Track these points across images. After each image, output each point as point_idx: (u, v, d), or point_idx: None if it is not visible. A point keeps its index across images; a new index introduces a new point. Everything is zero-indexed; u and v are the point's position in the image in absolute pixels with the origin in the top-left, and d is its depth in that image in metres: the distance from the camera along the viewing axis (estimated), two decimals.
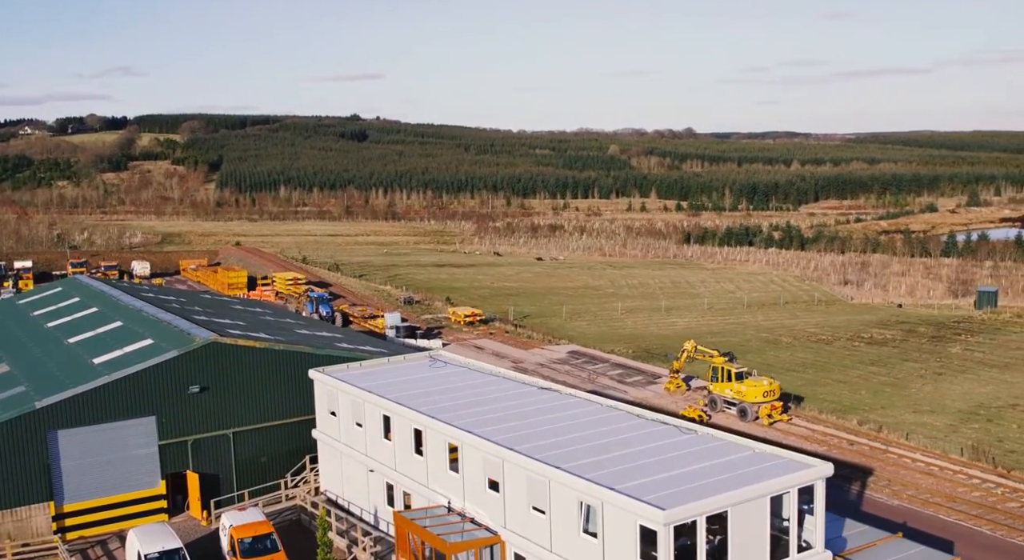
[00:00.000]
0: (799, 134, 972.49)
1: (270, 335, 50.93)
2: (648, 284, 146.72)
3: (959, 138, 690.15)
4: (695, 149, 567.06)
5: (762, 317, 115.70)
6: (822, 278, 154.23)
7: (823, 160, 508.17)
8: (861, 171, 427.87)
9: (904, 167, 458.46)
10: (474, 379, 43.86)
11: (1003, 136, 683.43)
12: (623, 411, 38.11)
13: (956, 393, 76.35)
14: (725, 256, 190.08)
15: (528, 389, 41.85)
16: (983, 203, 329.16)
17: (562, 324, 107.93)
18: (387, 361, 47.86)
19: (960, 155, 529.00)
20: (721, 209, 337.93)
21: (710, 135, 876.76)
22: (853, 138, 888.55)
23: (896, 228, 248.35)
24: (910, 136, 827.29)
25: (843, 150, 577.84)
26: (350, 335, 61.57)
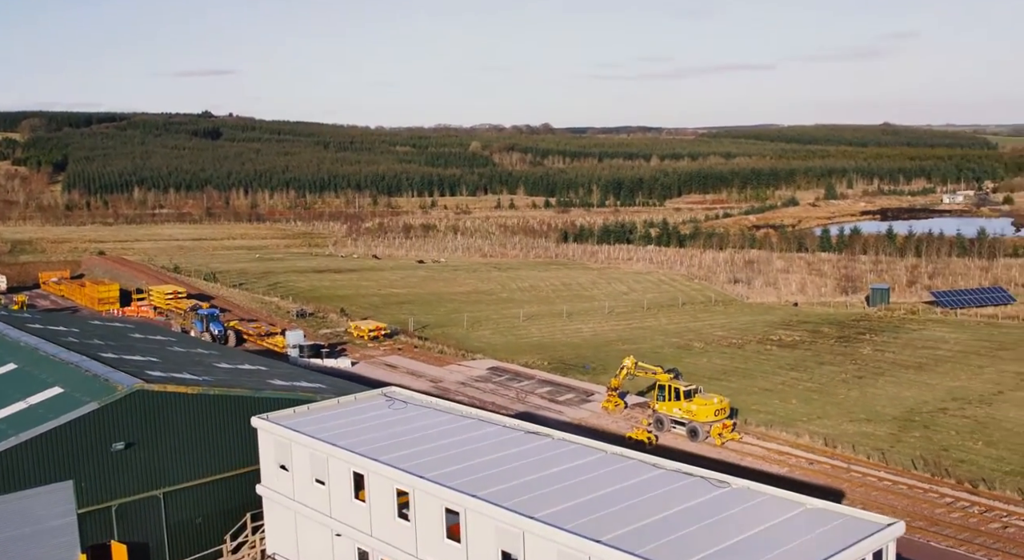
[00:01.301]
0: (652, 129, 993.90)
1: (195, 375, 44.71)
2: (539, 287, 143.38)
3: (805, 132, 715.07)
4: (555, 145, 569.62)
5: (665, 320, 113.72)
6: (709, 276, 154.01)
7: (681, 155, 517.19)
8: (721, 166, 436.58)
9: (759, 161, 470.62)
10: (447, 423, 38.97)
11: (846, 130, 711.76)
12: (635, 460, 33.96)
13: (883, 398, 75.32)
14: (607, 255, 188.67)
15: (516, 434, 37.24)
16: (840, 196, 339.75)
17: (465, 334, 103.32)
18: (337, 402, 42.49)
19: (810, 149, 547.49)
20: (589, 205, 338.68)
21: (566, 130, 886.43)
22: (705, 132, 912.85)
23: (765, 223, 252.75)
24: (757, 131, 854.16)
25: (699, 145, 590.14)
26: (272, 364, 55.50)
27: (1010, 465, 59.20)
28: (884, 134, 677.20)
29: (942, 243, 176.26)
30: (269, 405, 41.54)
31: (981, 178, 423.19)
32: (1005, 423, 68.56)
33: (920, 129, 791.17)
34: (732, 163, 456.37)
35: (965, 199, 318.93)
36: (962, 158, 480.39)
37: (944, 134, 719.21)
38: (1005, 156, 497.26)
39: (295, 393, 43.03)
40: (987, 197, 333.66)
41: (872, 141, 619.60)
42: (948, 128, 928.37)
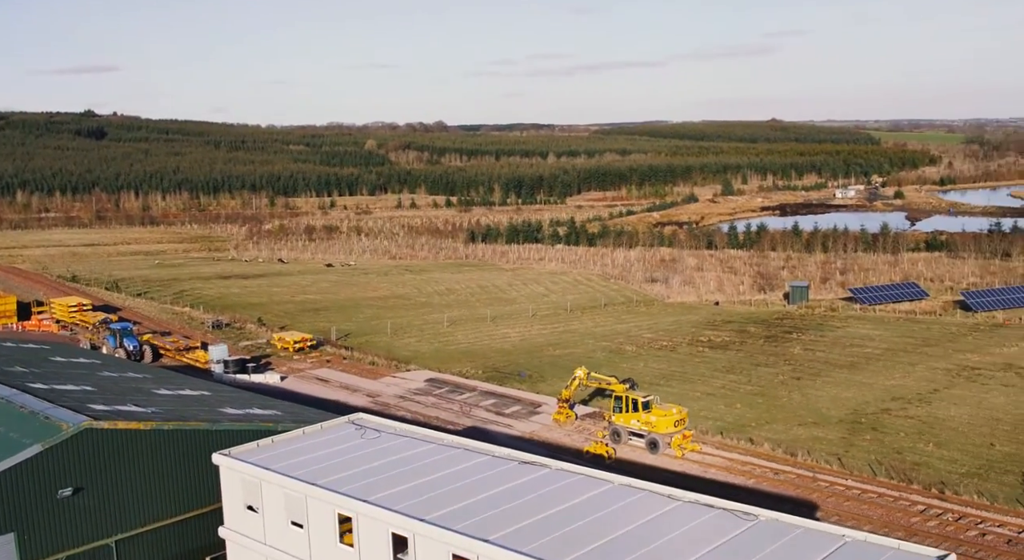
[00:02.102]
0: (545, 126, 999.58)
1: (139, 405, 40.92)
2: (456, 290, 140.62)
3: (696, 129, 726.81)
4: (451, 143, 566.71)
5: (591, 323, 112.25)
6: (625, 276, 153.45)
7: (577, 152, 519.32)
8: (618, 163, 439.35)
9: (655, 158, 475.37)
10: (431, 453, 36.16)
11: (736, 126, 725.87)
12: (646, 492, 31.72)
13: (825, 400, 75.00)
14: (518, 255, 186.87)
15: (510, 465, 34.65)
16: (737, 192, 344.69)
17: (390, 343, 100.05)
18: (302, 433, 39.25)
19: (703, 145, 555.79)
20: (491, 204, 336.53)
21: (460, 128, 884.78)
22: (597, 129, 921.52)
23: (669, 220, 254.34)
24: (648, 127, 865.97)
25: (594, 142, 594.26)
26: (216, 388, 51.66)
27: (964, 466, 59.09)
28: (772, 130, 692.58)
29: (847, 238, 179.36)
30: (229, 439, 38.11)
31: (868, 173, 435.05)
32: (948, 422, 68.74)
33: (806, 125, 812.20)
34: (629, 160, 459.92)
35: (856, 194, 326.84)
36: (849, 153, 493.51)
37: (830, 130, 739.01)
38: (889, 151, 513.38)
39: (256, 424, 39.65)
40: (877, 191, 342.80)
41: (762, 137, 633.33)
42: (830, 124, 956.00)
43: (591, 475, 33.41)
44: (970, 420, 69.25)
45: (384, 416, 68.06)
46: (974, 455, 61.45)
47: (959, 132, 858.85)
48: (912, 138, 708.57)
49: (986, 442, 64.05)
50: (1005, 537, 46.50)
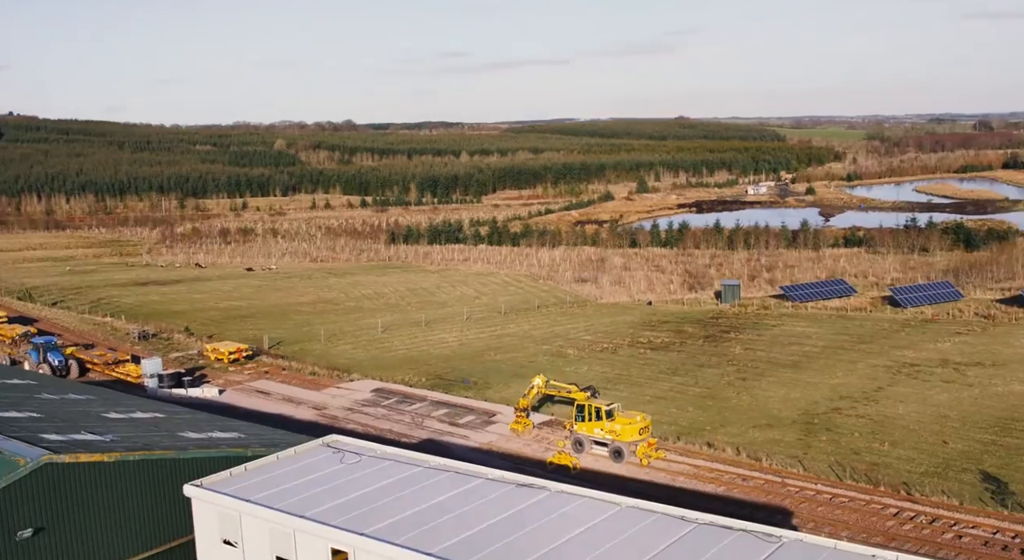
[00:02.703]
0: (454, 124, 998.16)
1: (95, 433, 38.13)
2: (384, 293, 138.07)
3: (606, 126, 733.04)
4: (362, 142, 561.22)
5: (527, 325, 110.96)
6: (553, 276, 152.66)
7: (490, 151, 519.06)
8: (532, 161, 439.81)
9: (567, 156, 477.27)
10: (421, 478, 34.23)
11: (645, 124, 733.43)
12: (658, 514, 30.33)
13: (775, 401, 74.88)
14: (441, 256, 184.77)
15: (507, 488, 32.93)
16: (651, 189, 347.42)
17: (326, 350, 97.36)
18: (276, 459, 36.94)
19: (614, 143, 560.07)
20: (407, 204, 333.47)
21: (368, 126, 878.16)
22: (507, 127, 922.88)
23: (588, 218, 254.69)
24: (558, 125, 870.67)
25: (506, 140, 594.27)
26: (169, 409, 48.70)
27: (922, 466, 59.24)
28: (681, 127, 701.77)
29: (768, 235, 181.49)
30: (198, 467, 35.64)
31: (777, 169, 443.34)
32: (898, 420, 69.08)
33: (713, 122, 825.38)
34: (543, 158, 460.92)
35: (768, 190, 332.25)
36: (757, 150, 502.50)
37: (736, 127, 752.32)
38: (796, 148, 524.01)
39: (225, 450, 37.23)
40: (787, 188, 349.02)
41: (671, 135, 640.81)
42: (735, 121, 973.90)
43: (595, 497, 31.93)
44: (919, 418, 69.71)
45: (333, 430, 65.81)
46: (929, 454, 61.71)
47: (859, 128, 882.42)
48: (815, 135, 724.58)
49: (938, 440, 64.45)
50: (981, 539, 46.44)
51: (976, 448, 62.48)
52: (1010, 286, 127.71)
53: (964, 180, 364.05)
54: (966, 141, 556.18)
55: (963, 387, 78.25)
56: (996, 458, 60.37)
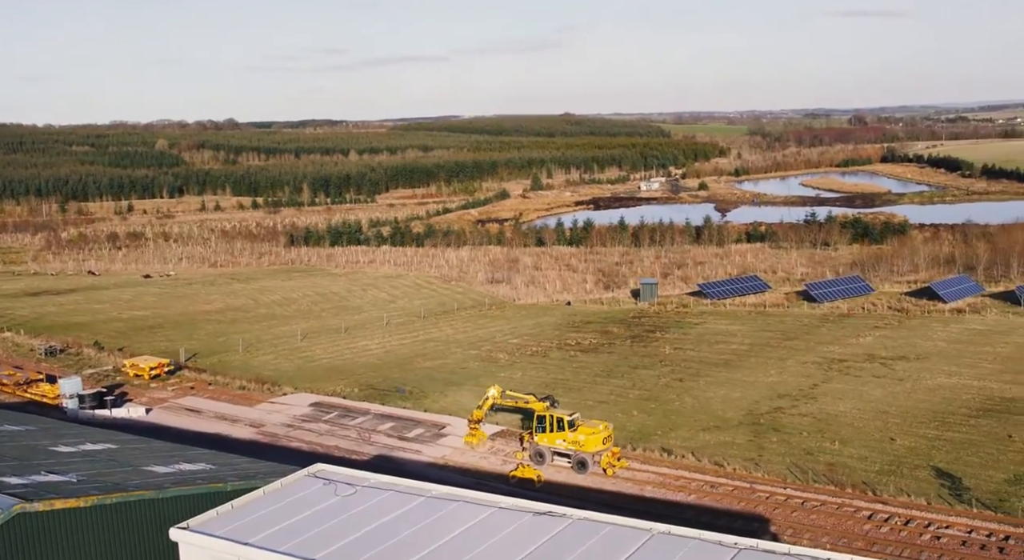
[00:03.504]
0: (337, 122, 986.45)
1: (57, 473, 34.92)
2: (294, 299, 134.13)
3: (493, 123, 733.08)
4: (247, 141, 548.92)
5: (450, 330, 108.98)
6: (464, 277, 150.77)
7: (379, 149, 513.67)
8: (424, 159, 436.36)
9: (458, 154, 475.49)
10: (427, 510, 32.12)
11: (532, 120, 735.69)
12: (696, 539, 28.96)
13: (716, 401, 74.80)
14: (346, 258, 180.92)
15: (525, 518, 31.10)
16: (545, 187, 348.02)
17: (246, 362, 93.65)
18: (263, 493, 34.35)
19: (503, 140, 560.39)
20: (299, 204, 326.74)
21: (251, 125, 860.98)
22: (392, 125, 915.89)
23: (488, 217, 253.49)
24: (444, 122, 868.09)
25: (395, 138, 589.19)
26: (124, 440, 45.22)
27: (875, 464, 59.67)
28: (568, 124, 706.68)
29: (673, 232, 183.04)
30: (180, 507, 32.86)
31: (665, 165, 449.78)
32: (840, 418, 69.70)
33: (598, 119, 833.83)
34: (434, 156, 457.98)
35: (660, 186, 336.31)
36: (645, 146, 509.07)
37: (622, 123, 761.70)
38: (682, 144, 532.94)
39: (205, 486, 34.52)
40: (678, 183, 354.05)
41: (558, 131, 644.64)
42: (618, 117, 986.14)
43: (621, 524, 30.37)
44: (859, 415, 70.43)
45: (275, 448, 62.97)
46: (879, 451, 62.24)
47: (739, 124, 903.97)
48: (698, 130, 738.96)
49: (884, 437, 65.12)
50: (958, 539, 46.67)
51: (923, 444, 63.28)
52: (914, 279, 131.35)
53: (846, 174, 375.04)
54: (843, 136, 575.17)
55: (894, 381, 79.54)
56: (944, 454, 61.22)
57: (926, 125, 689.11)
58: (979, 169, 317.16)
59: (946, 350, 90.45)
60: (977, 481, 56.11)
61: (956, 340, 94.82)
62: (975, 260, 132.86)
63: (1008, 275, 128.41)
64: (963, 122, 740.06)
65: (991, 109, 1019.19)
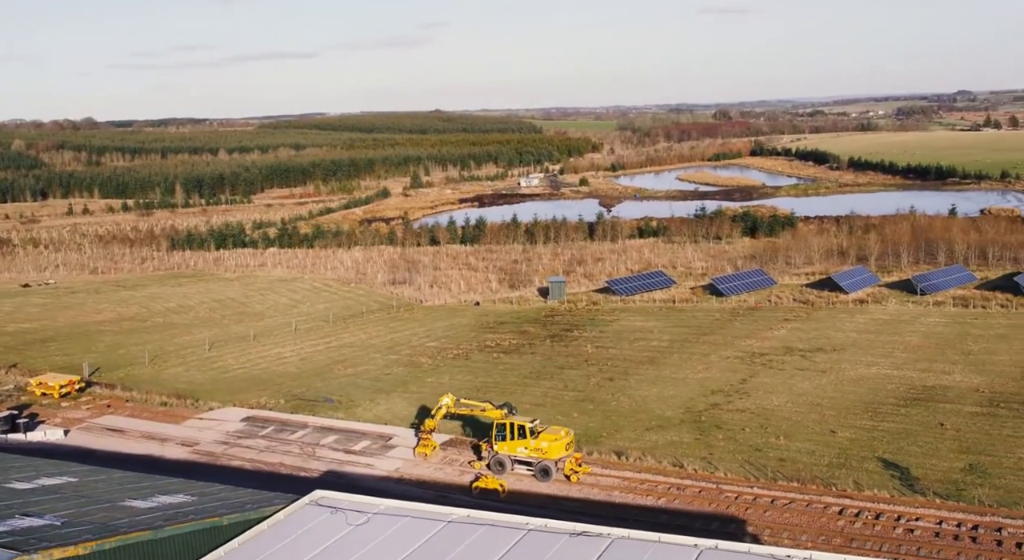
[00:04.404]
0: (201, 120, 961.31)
1: (36, 516, 31.89)
2: (190, 306, 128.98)
3: (366, 120, 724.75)
4: (110, 141, 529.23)
5: (362, 334, 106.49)
6: (364, 279, 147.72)
7: (249, 148, 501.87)
8: (299, 158, 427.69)
9: (331, 152, 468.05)
10: (455, 536, 30.51)
11: (403, 117, 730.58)
12: (747, 553, 28.23)
13: (652, 400, 74.86)
14: (234, 262, 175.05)
15: (562, 540, 29.80)
16: (426, 184, 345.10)
17: (155, 375, 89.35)
18: (266, 527, 32.14)
19: (377, 138, 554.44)
20: (172, 206, 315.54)
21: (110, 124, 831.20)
22: (258, 123, 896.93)
23: (374, 216, 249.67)
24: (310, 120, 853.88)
25: (264, 136, 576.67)
26: (81, 471, 41.74)
27: (824, 458, 60.49)
28: (440, 120, 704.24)
29: (568, 228, 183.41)
30: (181, 547, 30.43)
31: (541, 160, 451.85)
32: (778, 413, 70.57)
33: (468, 115, 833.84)
34: (308, 154, 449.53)
35: (540, 182, 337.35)
36: (519, 142, 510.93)
37: (494, 119, 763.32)
38: (556, 139, 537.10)
39: (202, 522, 32.02)
40: (557, 179, 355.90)
41: (431, 128, 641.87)
42: (486, 113, 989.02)
43: (667, 541, 29.41)
44: (795, 408, 71.46)
45: (216, 468, 59.91)
46: (824, 444, 63.16)
47: (606, 119, 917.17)
48: (569, 126, 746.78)
49: (825, 430, 66.14)
50: (930, 530, 47.42)
51: (863, 436, 64.48)
52: (811, 271, 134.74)
53: (718, 167, 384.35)
54: (710, 130, 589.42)
55: (818, 374, 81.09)
56: (886, 444, 62.49)
57: (787, 119, 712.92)
58: (846, 161, 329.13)
59: (859, 341, 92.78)
60: (924, 471, 57.38)
61: (865, 330, 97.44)
62: (867, 251, 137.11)
63: (899, 265, 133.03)
64: (821, 116, 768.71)
65: (844, 103, 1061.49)
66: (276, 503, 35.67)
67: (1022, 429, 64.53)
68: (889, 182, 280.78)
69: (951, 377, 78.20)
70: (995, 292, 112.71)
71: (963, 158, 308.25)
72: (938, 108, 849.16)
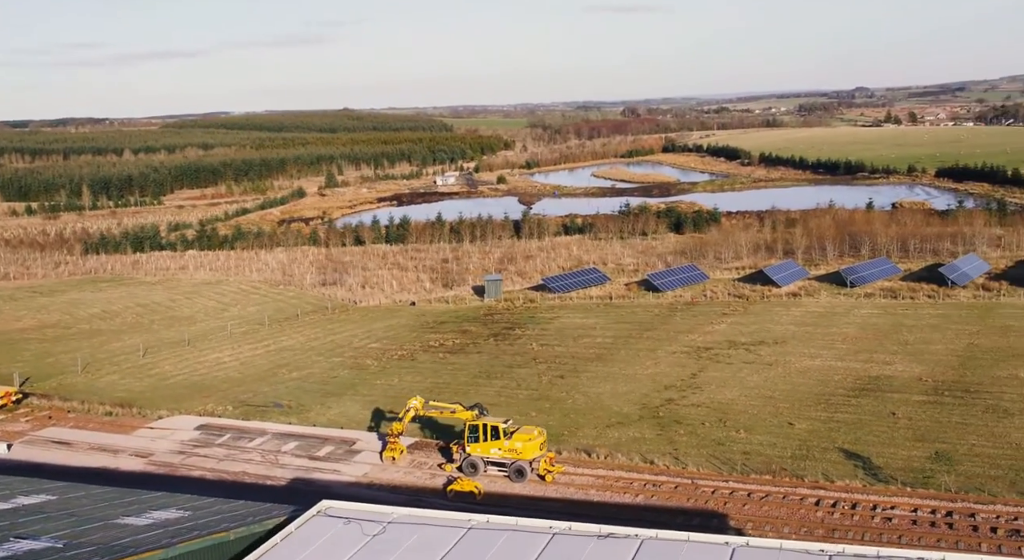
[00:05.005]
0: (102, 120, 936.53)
1: (33, 539, 30.24)
2: (115, 311, 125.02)
3: (271, 119, 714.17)
4: (7, 141, 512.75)
5: (301, 337, 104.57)
6: (292, 280, 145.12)
7: (156, 148, 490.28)
8: (209, 158, 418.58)
9: (241, 151, 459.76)
10: (480, 543, 29.83)
11: (312, 116, 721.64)
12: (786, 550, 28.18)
13: (607, 397, 75.01)
14: (154, 265, 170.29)
15: (591, 543, 29.36)
16: (341, 184, 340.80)
17: (90, 384, 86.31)
18: (279, 540, 30.95)
19: (286, 137, 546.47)
20: (80, 208, 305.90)
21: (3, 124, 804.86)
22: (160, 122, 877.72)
23: (292, 216, 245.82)
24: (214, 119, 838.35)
25: (170, 136, 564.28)
26: (63, 489, 39.73)
27: (787, 450, 61.27)
28: (349, 119, 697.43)
29: (493, 226, 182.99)
30: None
31: (454, 159, 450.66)
32: (733, 406, 71.30)
33: (375, 113, 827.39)
34: (216, 154, 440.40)
35: (456, 180, 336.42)
36: (431, 140, 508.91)
37: (404, 118, 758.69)
38: (468, 137, 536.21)
39: (210, 539, 30.80)
40: (472, 177, 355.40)
41: (341, 127, 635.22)
42: (393, 111, 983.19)
43: (698, 540, 29.22)
44: (748, 401, 72.29)
45: (177, 479, 58.00)
46: (784, 436, 63.97)
47: (514, 117, 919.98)
48: (479, 123, 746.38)
49: (782, 422, 67.03)
50: (907, 518, 48.32)
51: (820, 427, 65.50)
52: (740, 265, 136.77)
53: (631, 164, 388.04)
54: (620, 127, 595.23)
55: (765, 367, 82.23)
56: (843, 435, 63.57)
57: (695, 116, 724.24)
58: (757, 157, 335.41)
59: (798, 333, 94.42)
60: (884, 460, 58.49)
61: (802, 323, 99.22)
62: (793, 245, 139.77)
63: (826, 258, 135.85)
64: (726, 113, 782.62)
65: (748, 100, 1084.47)
66: (276, 515, 34.63)
67: (970, 416, 66.24)
68: (801, 177, 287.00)
69: (893, 367, 79.99)
70: (920, 283, 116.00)
71: (868, 153, 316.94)
72: (838, 104, 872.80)
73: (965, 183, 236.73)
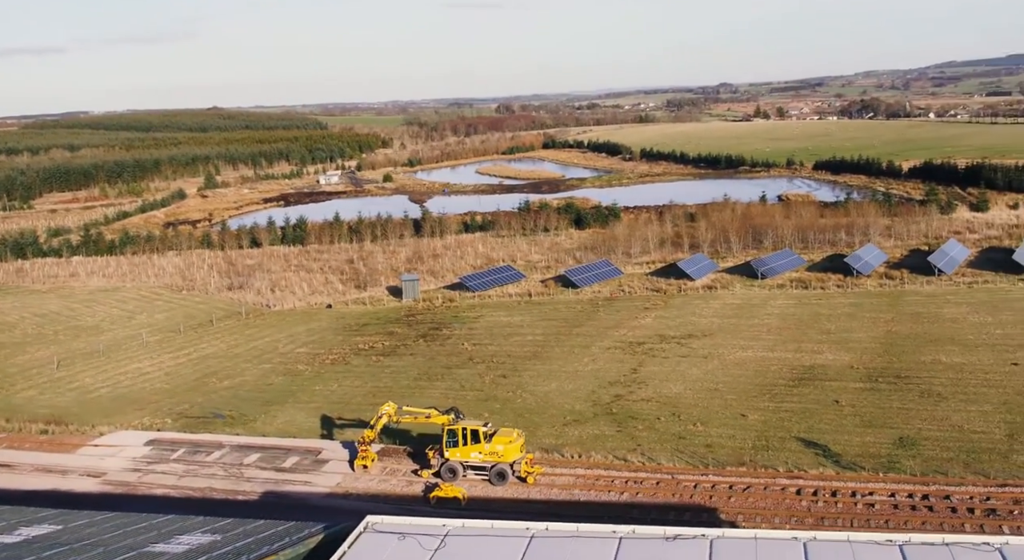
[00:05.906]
0: None
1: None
2: (11, 322, 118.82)
3: (138, 119, 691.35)
4: None
5: (221, 343, 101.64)
6: (195, 285, 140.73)
7: (17, 149, 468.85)
8: (78, 160, 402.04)
9: (110, 152, 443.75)
10: (548, 553, 29.53)
11: (181, 115, 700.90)
12: (850, 541, 28.70)
13: (555, 395, 75.34)
14: (39, 272, 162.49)
15: (659, 545, 29.33)
16: (222, 184, 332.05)
17: (6, 400, 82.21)
18: None
19: (157, 137, 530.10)
20: None
21: None
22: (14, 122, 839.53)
23: (177, 219, 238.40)
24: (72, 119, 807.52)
25: (31, 137, 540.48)
26: (62, 516, 37.36)
27: (747, 441, 62.55)
28: (219, 118, 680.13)
29: (392, 225, 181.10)
30: None
31: (333, 158, 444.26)
32: (682, 400, 72.40)
33: (244, 111, 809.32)
34: (85, 156, 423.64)
35: (340, 179, 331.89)
36: (308, 139, 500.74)
37: (276, 116, 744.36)
38: (345, 136, 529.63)
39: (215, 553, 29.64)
40: (355, 176, 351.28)
41: (211, 126, 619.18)
42: (261, 109, 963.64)
43: (765, 536, 29.50)
44: (695, 395, 73.54)
45: (140, 498, 55.66)
46: (740, 428, 65.27)
47: (387, 114, 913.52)
48: (352, 121, 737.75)
49: (734, 413, 68.41)
50: (887, 503, 49.89)
51: (771, 417, 67.07)
52: (650, 259, 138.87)
53: (512, 161, 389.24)
54: (495, 124, 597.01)
55: (701, 360, 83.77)
56: (796, 424, 65.27)
57: (568, 112, 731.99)
58: (638, 152, 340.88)
59: (723, 325, 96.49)
60: (841, 447, 60.27)
61: (724, 315, 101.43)
62: (698, 239, 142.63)
63: (731, 251, 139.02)
64: (598, 108, 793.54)
65: (616, 96, 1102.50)
66: (310, 534, 33.53)
67: (908, 402, 68.78)
68: (684, 171, 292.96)
69: (823, 356, 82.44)
70: (827, 273, 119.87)
71: (744, 147, 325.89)
72: (704, 100, 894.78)
73: (843, 175, 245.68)
